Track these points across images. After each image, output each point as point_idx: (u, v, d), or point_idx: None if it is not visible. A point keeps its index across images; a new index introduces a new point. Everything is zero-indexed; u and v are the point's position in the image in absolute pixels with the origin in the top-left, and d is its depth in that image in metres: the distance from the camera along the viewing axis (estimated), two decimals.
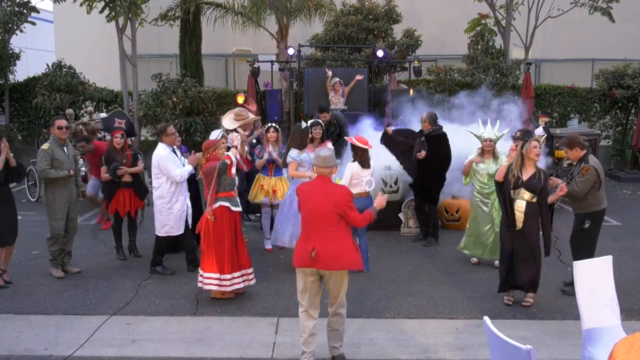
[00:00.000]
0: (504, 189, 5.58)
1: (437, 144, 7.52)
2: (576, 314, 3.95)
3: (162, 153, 6.27)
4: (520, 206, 5.54)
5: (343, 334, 4.59)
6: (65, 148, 6.44)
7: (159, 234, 6.46)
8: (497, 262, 6.91)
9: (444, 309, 5.70)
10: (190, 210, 6.57)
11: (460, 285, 6.35)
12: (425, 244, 7.84)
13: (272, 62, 12.34)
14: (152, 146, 7.48)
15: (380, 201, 4.62)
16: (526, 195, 5.52)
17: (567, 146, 5.83)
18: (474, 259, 7.05)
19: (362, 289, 5.98)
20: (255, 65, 11.67)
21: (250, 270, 5.86)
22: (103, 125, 7.27)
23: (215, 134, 7.31)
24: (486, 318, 3.15)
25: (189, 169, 6.38)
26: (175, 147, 6.55)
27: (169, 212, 6.32)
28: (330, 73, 11.32)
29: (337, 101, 10.99)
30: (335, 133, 8.99)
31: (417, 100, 10.58)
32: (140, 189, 7.19)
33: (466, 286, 6.31)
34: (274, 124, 7.68)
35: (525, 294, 5.76)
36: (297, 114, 12.57)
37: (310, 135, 7.07)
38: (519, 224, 5.52)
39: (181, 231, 6.47)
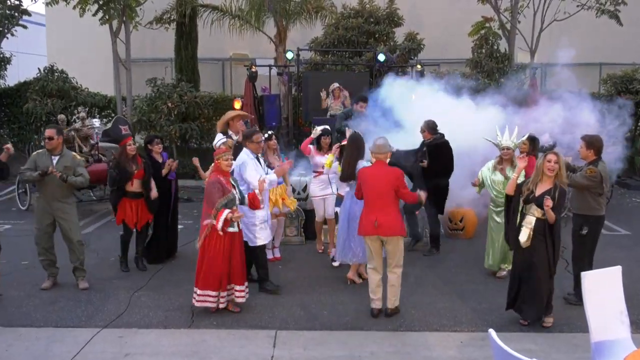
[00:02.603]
0: (514, 202, 5.52)
1: (439, 153, 7.53)
2: (584, 327, 3.94)
3: (245, 159, 6.23)
4: (529, 222, 5.38)
5: (398, 290, 5.77)
6: (54, 158, 6.33)
7: (252, 244, 6.32)
8: (500, 271, 6.91)
9: (447, 321, 5.69)
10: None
11: (465, 296, 6.35)
12: (426, 254, 7.84)
13: (270, 66, 12.42)
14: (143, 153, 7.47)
15: (423, 196, 5.85)
16: (537, 212, 5.35)
17: (586, 142, 5.84)
18: (503, 273, 6.94)
19: (362, 301, 5.98)
20: (253, 70, 11.72)
21: (240, 287, 5.76)
22: (110, 136, 7.21)
23: (215, 141, 7.31)
24: (491, 331, 3.15)
25: (273, 178, 6.31)
26: (258, 154, 6.46)
27: (251, 223, 6.22)
28: (324, 95, 11.22)
29: (336, 107, 11.01)
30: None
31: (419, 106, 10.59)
32: (151, 201, 7.12)
33: (470, 297, 6.31)
34: (272, 132, 7.72)
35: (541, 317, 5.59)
36: (295, 120, 12.62)
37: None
38: (527, 241, 5.37)
39: (267, 240, 6.43)
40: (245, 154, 6.29)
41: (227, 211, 5.50)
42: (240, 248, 5.77)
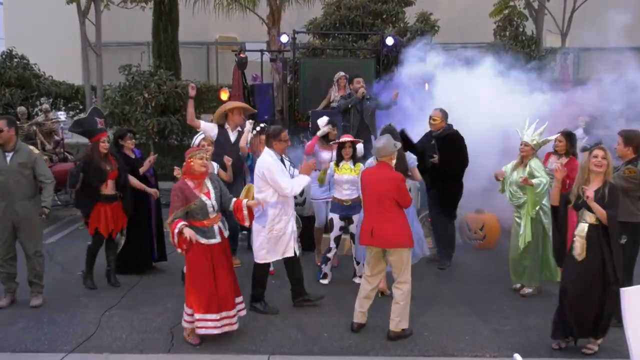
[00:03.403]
0: (561, 212, 5.46)
1: (450, 146, 7.53)
2: (624, 351, 3.93)
3: (269, 161, 6.12)
4: (581, 230, 5.26)
5: (404, 310, 5.71)
6: (7, 155, 6.28)
7: (257, 261, 6.30)
8: (523, 288, 6.90)
9: (466, 345, 5.68)
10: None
11: (485, 316, 6.35)
12: (440, 267, 7.85)
13: (262, 51, 12.39)
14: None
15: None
16: (589, 217, 5.23)
17: (624, 138, 5.85)
18: (516, 285, 7.00)
19: (368, 321, 5.97)
20: (242, 55, 11.70)
21: (228, 313, 5.65)
22: (84, 127, 7.17)
23: (195, 139, 7.33)
24: (517, 356, 3.14)
25: (303, 180, 6.19)
26: (283, 155, 6.41)
27: (270, 233, 6.18)
28: (320, 109, 11.13)
29: (339, 96, 10.98)
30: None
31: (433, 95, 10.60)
32: (128, 202, 7.14)
33: (492, 317, 6.30)
34: (264, 125, 7.70)
35: (588, 340, 5.53)
36: (291, 113, 12.60)
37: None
38: (582, 252, 5.23)
39: (277, 257, 6.30)
40: (268, 156, 6.16)
41: (180, 223, 5.37)
42: (226, 264, 5.67)
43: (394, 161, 5.81)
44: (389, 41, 11.96)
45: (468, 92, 8.48)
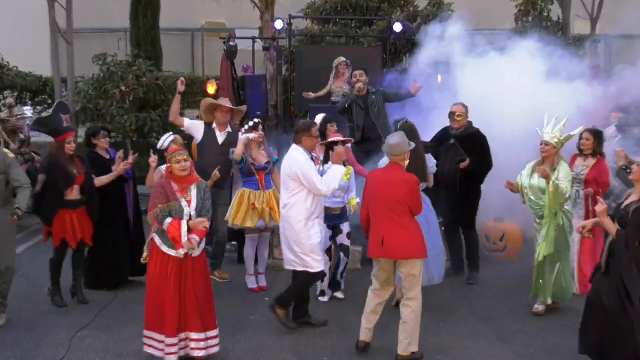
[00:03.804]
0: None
1: (473, 147, 7.53)
2: None
3: (302, 159, 6.16)
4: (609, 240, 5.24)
5: (414, 331, 5.65)
6: None
7: (290, 268, 6.36)
8: (535, 306, 6.88)
9: None
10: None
11: (506, 337, 6.34)
12: (469, 282, 7.87)
13: (253, 39, 12.41)
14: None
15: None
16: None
17: None
18: (538, 309, 6.93)
19: (374, 342, 5.96)
20: (232, 44, 11.72)
21: (198, 335, 5.53)
22: (47, 126, 7.16)
23: (163, 140, 7.32)
24: None
25: (338, 172, 6.17)
26: (312, 153, 6.44)
27: (307, 241, 6.19)
28: (312, 95, 11.15)
29: (339, 90, 10.97)
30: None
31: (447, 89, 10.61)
32: (93, 208, 7.13)
33: (514, 338, 6.30)
34: (259, 120, 7.71)
35: None
36: (286, 108, 12.61)
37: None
38: (603, 263, 5.17)
39: (320, 268, 6.33)
40: (299, 153, 6.21)
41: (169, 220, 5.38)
42: (200, 281, 5.56)
43: (406, 162, 5.77)
44: (397, 27, 11.97)
45: (498, 83, 8.53)
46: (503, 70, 8.76)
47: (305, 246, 6.17)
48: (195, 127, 7.85)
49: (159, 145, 7.32)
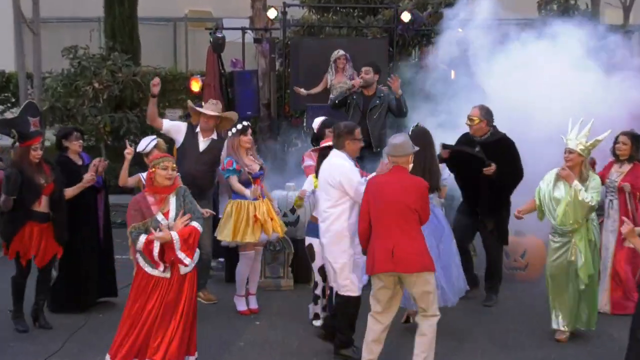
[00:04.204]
0: None
1: (501, 155, 7.51)
2: None
3: (347, 166, 6.19)
4: None
5: (431, 345, 5.72)
6: None
7: (343, 293, 6.25)
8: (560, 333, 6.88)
9: None
10: None
11: None
12: (486, 304, 7.88)
13: (243, 29, 12.44)
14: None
15: None
16: None
17: None
18: (562, 335, 6.90)
19: None
20: (219, 35, 11.74)
21: None
22: (13, 127, 7.15)
23: (145, 143, 7.32)
24: None
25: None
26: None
27: (349, 259, 6.18)
28: (302, 91, 11.19)
29: (341, 86, 10.96)
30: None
31: (460, 86, 10.62)
32: (61, 225, 7.09)
33: None
34: (248, 123, 7.72)
35: None
36: (280, 107, 12.61)
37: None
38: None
39: (360, 290, 6.27)
40: (342, 159, 6.22)
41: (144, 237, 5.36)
42: (185, 303, 5.54)
43: (410, 165, 5.79)
44: (405, 17, 11.99)
45: (536, 78, 8.56)
46: (541, 64, 8.72)
47: (347, 265, 6.16)
48: (176, 128, 7.84)
49: (139, 149, 7.32)
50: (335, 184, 6.08)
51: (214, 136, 7.76)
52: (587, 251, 6.59)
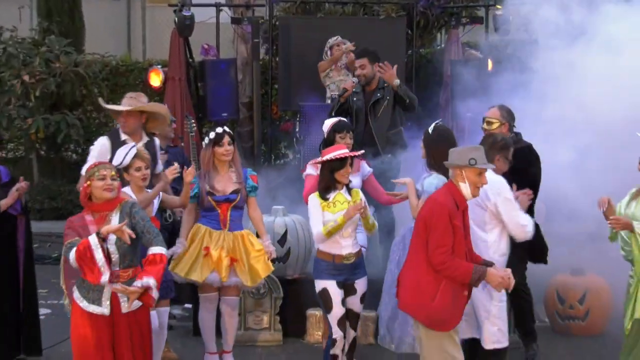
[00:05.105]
0: None
1: (522, 165, 7.51)
2: None
3: (504, 184, 6.50)
4: None
5: None
6: None
7: (490, 346, 6.45)
8: None
9: None
10: None
11: None
12: (528, 355, 7.82)
13: (218, 6, 12.44)
14: None
15: None
16: None
17: None
18: None
19: None
20: (186, 13, 11.74)
21: None
22: None
23: (122, 153, 7.27)
24: None
25: None
26: None
27: (499, 301, 6.45)
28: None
29: (338, 79, 10.96)
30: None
31: (500, 80, 10.60)
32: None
33: None
34: (225, 128, 7.64)
35: None
36: (265, 107, 12.60)
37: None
38: None
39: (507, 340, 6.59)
40: (497, 175, 6.45)
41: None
42: (137, 353, 5.63)
43: (463, 185, 5.89)
44: None
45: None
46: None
47: (501, 308, 6.42)
48: (104, 151, 7.72)
49: (115, 163, 7.24)
50: (491, 206, 6.38)
51: (145, 139, 7.72)
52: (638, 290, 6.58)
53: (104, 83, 13.46)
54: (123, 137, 7.61)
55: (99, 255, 5.30)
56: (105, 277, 5.38)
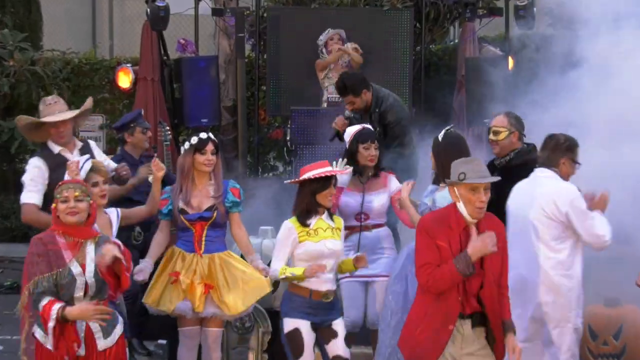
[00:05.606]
0: None
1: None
2: None
3: (573, 191, 6.61)
4: None
5: None
6: None
7: None
8: None
9: None
10: None
11: None
12: None
13: None
14: None
15: None
16: None
17: None
18: None
19: None
20: (160, 4, 11.77)
21: None
22: None
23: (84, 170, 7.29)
24: None
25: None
26: None
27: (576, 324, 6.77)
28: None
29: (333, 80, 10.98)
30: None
31: (521, 81, 10.65)
32: None
33: None
34: (210, 135, 7.64)
35: None
36: (252, 113, 12.63)
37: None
38: None
39: None
40: (562, 181, 6.65)
41: (57, 305, 5.35)
42: None
43: (459, 205, 5.76)
44: None
45: None
46: None
47: (578, 331, 6.78)
48: (39, 174, 7.70)
49: (67, 178, 7.25)
50: (562, 215, 6.48)
51: (79, 145, 7.74)
52: None
53: (64, 84, 13.49)
54: (56, 149, 7.58)
55: (50, 323, 5.31)
56: (81, 351, 5.45)
